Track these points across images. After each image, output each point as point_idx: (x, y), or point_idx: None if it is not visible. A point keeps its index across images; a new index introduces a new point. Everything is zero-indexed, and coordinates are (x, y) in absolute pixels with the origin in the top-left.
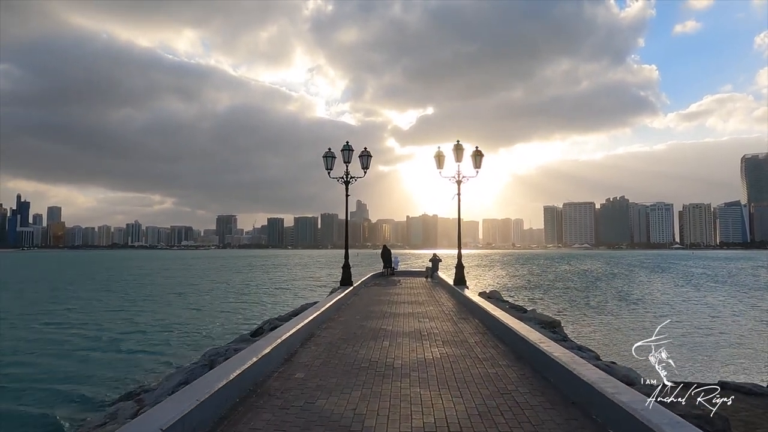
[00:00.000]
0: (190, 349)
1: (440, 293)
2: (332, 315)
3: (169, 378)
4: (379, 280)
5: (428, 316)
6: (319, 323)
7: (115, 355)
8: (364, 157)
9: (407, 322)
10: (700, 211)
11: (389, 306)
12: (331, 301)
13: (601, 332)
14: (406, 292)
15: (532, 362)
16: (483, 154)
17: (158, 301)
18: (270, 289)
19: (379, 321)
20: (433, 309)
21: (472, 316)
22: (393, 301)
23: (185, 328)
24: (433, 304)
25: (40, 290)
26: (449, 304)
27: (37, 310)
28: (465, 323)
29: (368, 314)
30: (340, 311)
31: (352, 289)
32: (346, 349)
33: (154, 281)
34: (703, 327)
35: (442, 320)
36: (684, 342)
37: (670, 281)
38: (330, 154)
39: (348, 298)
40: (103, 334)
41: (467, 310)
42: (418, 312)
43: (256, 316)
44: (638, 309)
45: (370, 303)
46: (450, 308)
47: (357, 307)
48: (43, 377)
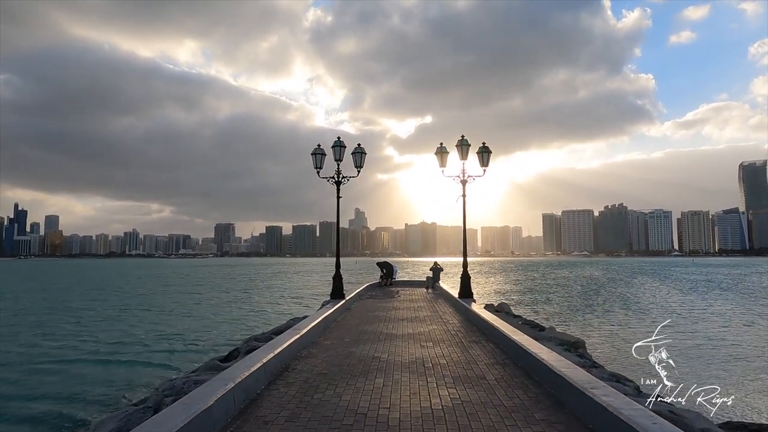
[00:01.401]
0: (152, 373)
1: (444, 307)
2: (316, 337)
3: (99, 426)
4: (375, 292)
5: (432, 338)
6: (298, 349)
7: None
8: (357, 155)
9: (407, 347)
10: (698, 218)
11: (385, 324)
12: (318, 319)
13: (623, 350)
14: (405, 306)
15: (581, 413)
16: (491, 151)
17: (133, 315)
18: (260, 300)
19: (372, 346)
20: (437, 328)
21: (484, 339)
22: (390, 317)
23: (156, 346)
24: (437, 321)
25: (30, 299)
26: (455, 321)
27: (20, 321)
28: (477, 348)
29: (360, 336)
30: (327, 332)
31: (344, 303)
32: (326, 392)
33: (136, 294)
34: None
35: (448, 344)
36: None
37: (689, 292)
38: (319, 151)
39: (338, 315)
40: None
41: (477, 330)
42: (420, 333)
43: (238, 332)
44: (657, 322)
45: (364, 320)
46: (456, 327)
47: (347, 326)
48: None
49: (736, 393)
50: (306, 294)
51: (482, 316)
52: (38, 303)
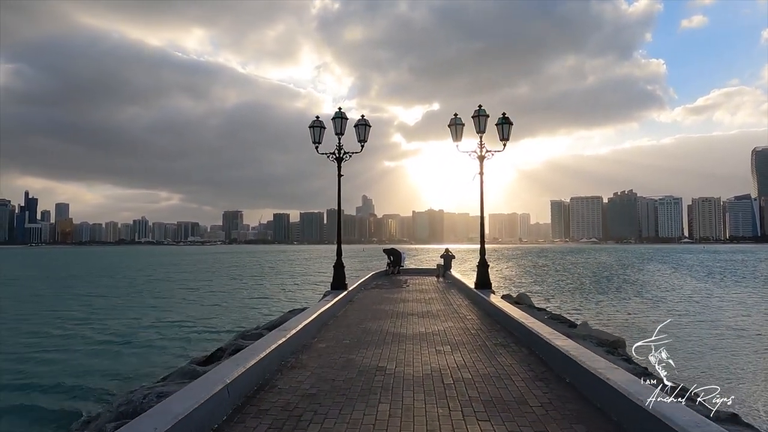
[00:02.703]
0: (127, 374)
1: (458, 299)
2: (310, 338)
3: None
4: (381, 281)
5: (449, 340)
6: (284, 356)
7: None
8: (361, 128)
9: (418, 352)
10: (709, 204)
11: (392, 321)
12: (313, 315)
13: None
14: (414, 297)
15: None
16: (512, 123)
17: (127, 302)
18: (262, 288)
19: (375, 351)
20: (454, 326)
21: (513, 341)
22: (398, 312)
23: (142, 339)
24: (452, 316)
25: (39, 286)
26: (473, 316)
27: (29, 308)
28: (507, 354)
29: (361, 336)
30: (323, 331)
31: (346, 295)
32: (310, 427)
33: (136, 281)
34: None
35: (470, 348)
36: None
37: (709, 279)
38: (317, 124)
39: (338, 308)
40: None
41: (502, 329)
42: (434, 332)
43: (231, 324)
44: (692, 314)
45: (367, 315)
46: (476, 324)
47: (348, 323)
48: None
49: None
50: (315, 281)
51: (506, 311)
52: (46, 290)
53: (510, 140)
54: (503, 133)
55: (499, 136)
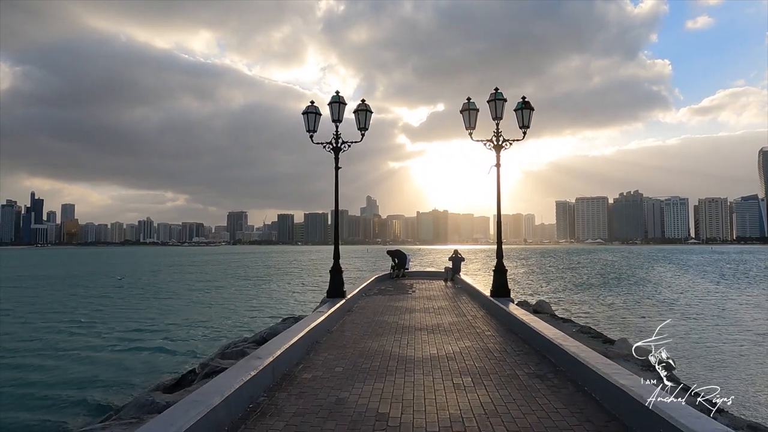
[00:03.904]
0: None
1: (471, 308)
2: (293, 365)
3: None
4: (385, 285)
5: (468, 367)
6: (255, 396)
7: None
8: (361, 114)
9: (431, 387)
10: (716, 205)
11: (396, 338)
12: (302, 332)
13: (723, 370)
14: (421, 305)
15: None
16: (533, 108)
17: (114, 308)
18: (262, 291)
19: (375, 386)
20: (471, 345)
21: (548, 369)
22: (403, 325)
23: (123, 347)
24: (468, 332)
25: (34, 287)
26: (492, 331)
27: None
28: (547, 392)
29: (358, 361)
30: (313, 353)
31: (344, 304)
32: None
33: (131, 283)
34: None
35: (497, 380)
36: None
37: (725, 281)
38: (312, 110)
39: (334, 321)
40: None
41: (531, 350)
42: (448, 354)
43: (219, 333)
44: (699, 315)
45: (367, 331)
46: (498, 342)
47: (343, 342)
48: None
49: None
50: (318, 281)
51: (534, 327)
52: (50, 291)
53: (514, 140)
54: (523, 119)
55: (519, 123)
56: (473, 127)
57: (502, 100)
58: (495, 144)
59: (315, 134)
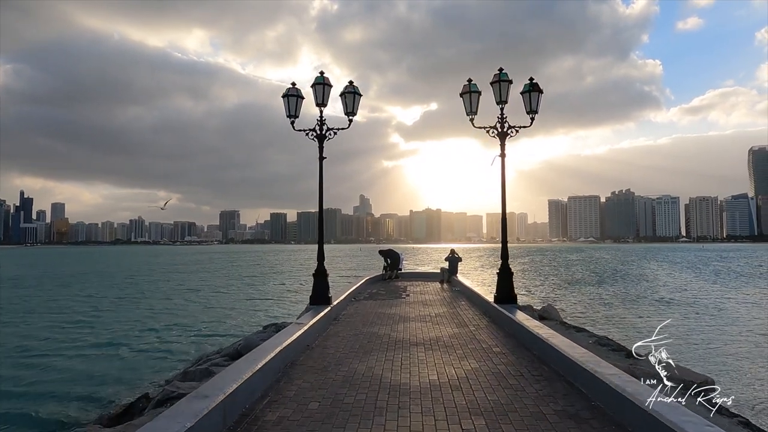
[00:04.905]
0: None
1: (473, 316)
2: (255, 398)
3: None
4: (377, 288)
5: (478, 401)
6: None
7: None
8: (348, 97)
9: None
10: (707, 203)
11: (388, 356)
12: (277, 348)
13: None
14: (417, 312)
15: None
16: (542, 90)
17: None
18: (251, 292)
19: None
20: (479, 367)
21: (578, 400)
22: (396, 338)
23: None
24: (473, 348)
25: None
26: (500, 347)
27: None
28: None
29: (340, 393)
30: (285, 380)
31: (330, 312)
32: None
33: (111, 283)
34: None
35: (518, 420)
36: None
37: (720, 279)
38: (293, 92)
39: (315, 334)
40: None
41: (552, 373)
42: (452, 381)
43: (192, 342)
44: (697, 313)
45: (353, 347)
46: (510, 362)
47: (324, 364)
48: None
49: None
50: (311, 281)
51: (555, 345)
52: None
53: (508, 141)
54: (530, 104)
55: (526, 107)
56: (475, 112)
57: (507, 81)
58: (499, 131)
59: (297, 121)
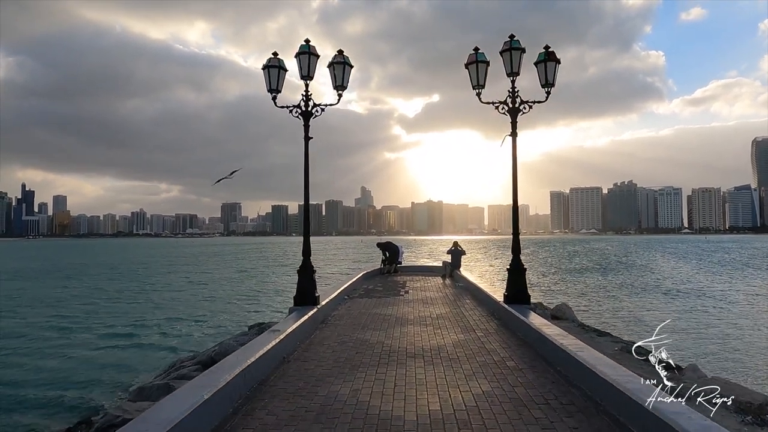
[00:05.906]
0: None
1: (480, 318)
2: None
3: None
4: (373, 283)
5: None
6: None
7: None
8: (337, 67)
9: None
10: (709, 195)
11: (380, 377)
12: (246, 362)
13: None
14: (416, 313)
15: None
16: (559, 61)
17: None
18: (244, 287)
19: None
20: (492, 389)
21: None
22: (392, 348)
23: None
24: (483, 362)
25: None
26: (515, 359)
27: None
28: None
29: (320, 426)
30: (247, 408)
31: (316, 314)
32: None
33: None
34: None
35: None
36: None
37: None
38: (275, 63)
39: (297, 342)
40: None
41: (587, 401)
42: (460, 414)
43: (171, 344)
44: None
45: (339, 359)
46: (530, 382)
47: (300, 385)
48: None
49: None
50: None
51: (589, 365)
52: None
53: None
54: (546, 76)
55: (540, 80)
56: (483, 85)
57: (519, 49)
58: (510, 107)
59: (279, 95)
